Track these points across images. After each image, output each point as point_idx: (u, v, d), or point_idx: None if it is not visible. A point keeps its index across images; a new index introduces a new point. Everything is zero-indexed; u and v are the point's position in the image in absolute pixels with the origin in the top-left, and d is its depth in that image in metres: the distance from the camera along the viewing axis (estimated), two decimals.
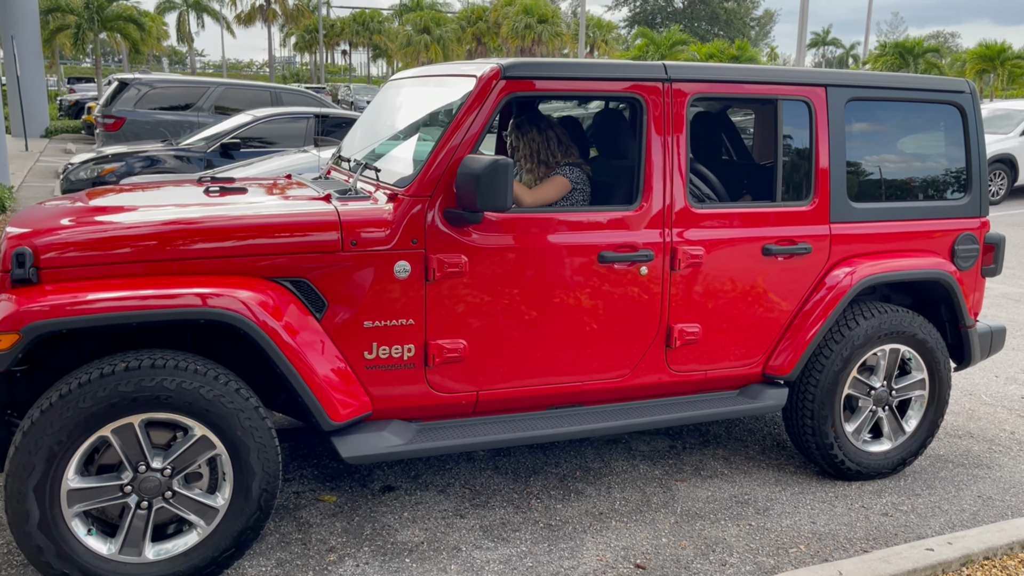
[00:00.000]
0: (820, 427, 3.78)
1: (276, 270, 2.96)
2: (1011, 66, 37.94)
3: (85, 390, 2.64)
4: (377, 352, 3.10)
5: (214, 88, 12.58)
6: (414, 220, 3.08)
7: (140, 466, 2.77)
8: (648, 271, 3.42)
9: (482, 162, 2.92)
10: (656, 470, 3.98)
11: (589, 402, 3.52)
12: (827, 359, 3.73)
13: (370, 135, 4.12)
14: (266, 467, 2.90)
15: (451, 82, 3.46)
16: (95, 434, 2.69)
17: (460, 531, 3.37)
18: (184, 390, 2.73)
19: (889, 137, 4.06)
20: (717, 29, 65.93)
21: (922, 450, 4.03)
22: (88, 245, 2.82)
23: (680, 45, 40.50)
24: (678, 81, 3.44)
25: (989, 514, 3.69)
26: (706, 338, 3.59)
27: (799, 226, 3.68)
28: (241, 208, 3.16)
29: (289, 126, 9.32)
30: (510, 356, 3.29)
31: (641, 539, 3.37)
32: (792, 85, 3.67)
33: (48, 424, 2.62)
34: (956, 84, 4.05)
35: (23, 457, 2.62)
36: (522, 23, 47.21)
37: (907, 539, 3.43)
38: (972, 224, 4.08)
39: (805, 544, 3.38)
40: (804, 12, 19.90)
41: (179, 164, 8.67)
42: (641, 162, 3.42)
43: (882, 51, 43.52)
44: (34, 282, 2.75)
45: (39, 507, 2.64)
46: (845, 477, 3.91)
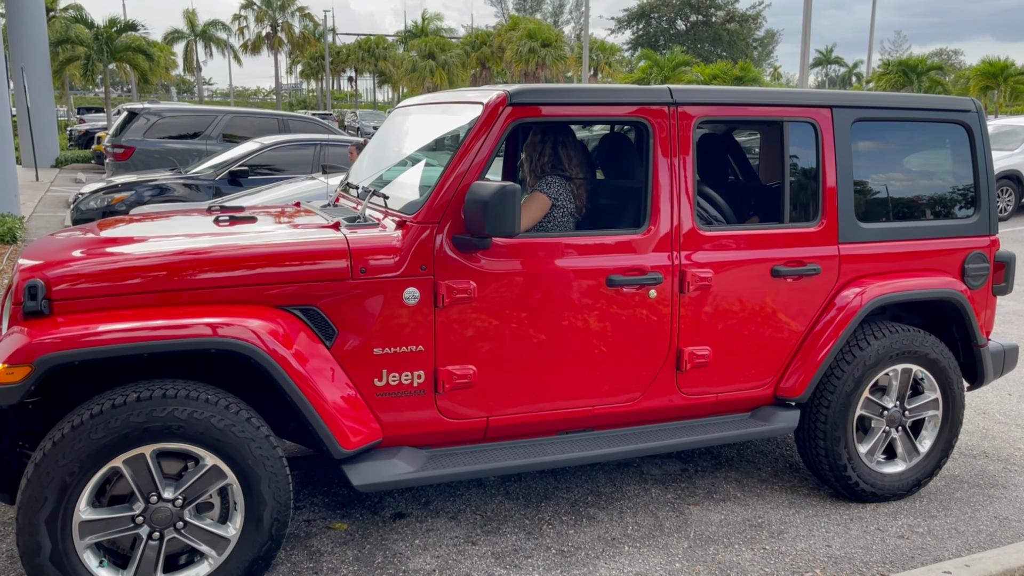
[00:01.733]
0: (833, 449, 3.75)
1: (286, 298, 2.98)
2: (1014, 82, 37.97)
3: (97, 421, 2.65)
4: (387, 379, 3.11)
5: (222, 116, 12.69)
6: (423, 246, 3.10)
7: (152, 496, 2.77)
8: (657, 294, 3.42)
9: (490, 188, 2.94)
10: (668, 494, 3.96)
11: (600, 426, 3.51)
12: (839, 380, 3.71)
13: (378, 162, 4.15)
14: (277, 496, 2.89)
15: (458, 109, 3.48)
16: (107, 465, 2.69)
17: (472, 558, 3.35)
18: (195, 420, 2.74)
19: (896, 157, 4.06)
20: (720, 50, 66.26)
21: (937, 471, 4.00)
22: (99, 276, 2.85)
23: (683, 67, 40.69)
24: (684, 104, 3.46)
25: (1006, 535, 3.65)
26: (716, 361, 3.58)
27: (808, 247, 3.68)
28: (251, 237, 3.18)
29: (296, 153, 9.38)
30: (520, 381, 3.29)
31: (654, 564, 3.34)
32: (798, 107, 3.69)
33: (60, 455, 2.62)
34: (962, 103, 4.05)
35: (35, 489, 2.62)
36: (526, 47, 47.55)
37: (924, 562, 3.39)
38: (982, 242, 4.07)
39: (821, 568, 3.35)
40: (807, 32, 20.00)
41: (188, 192, 8.73)
42: (648, 185, 3.43)
43: (885, 69, 43.63)
44: (46, 314, 2.76)
45: (51, 539, 2.64)
46: (859, 499, 3.88)
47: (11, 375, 2.59)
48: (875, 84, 43.12)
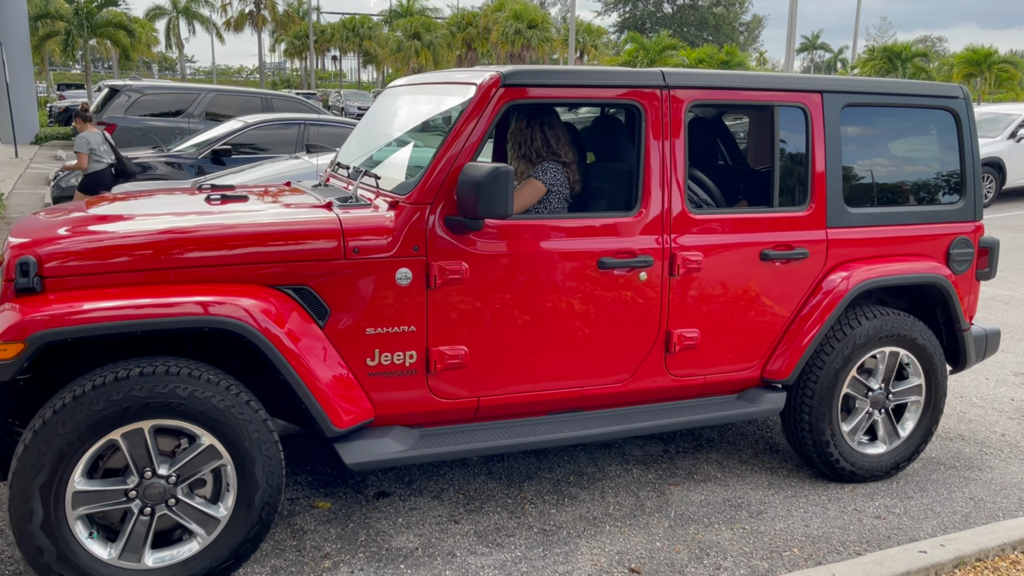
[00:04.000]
0: (817, 431, 3.80)
1: (279, 278, 2.98)
2: (998, 70, 38.19)
3: (99, 392, 2.66)
4: (379, 359, 3.12)
5: (205, 94, 12.56)
6: (415, 227, 3.10)
7: (146, 472, 2.78)
8: (647, 277, 3.44)
9: (483, 170, 2.94)
10: (650, 474, 3.99)
11: (589, 407, 3.54)
12: (825, 363, 3.76)
13: (369, 142, 4.14)
14: (270, 480, 2.90)
15: (450, 90, 3.48)
16: (105, 437, 2.70)
17: (455, 536, 3.37)
18: (196, 398, 2.76)
19: (884, 142, 4.08)
20: (706, 34, 66.17)
21: (918, 453, 4.07)
22: (92, 254, 2.84)
23: (670, 50, 40.60)
24: (676, 88, 3.47)
25: (981, 516, 3.71)
26: (705, 343, 3.61)
27: (796, 231, 3.70)
28: (243, 216, 3.17)
29: (280, 132, 9.30)
30: (511, 362, 3.30)
31: (635, 543, 3.37)
32: (788, 92, 3.70)
33: (60, 424, 2.63)
34: (949, 89, 4.08)
35: (32, 456, 2.63)
36: (512, 28, 47.28)
37: (900, 541, 3.45)
38: (967, 228, 4.11)
39: (799, 547, 3.39)
40: (793, 17, 20.01)
41: (170, 171, 8.65)
42: (640, 168, 3.44)
43: (870, 55, 43.74)
44: (38, 291, 2.75)
45: (43, 507, 2.65)
46: (843, 480, 3.94)
47: (4, 352, 2.59)
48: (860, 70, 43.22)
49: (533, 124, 3.77)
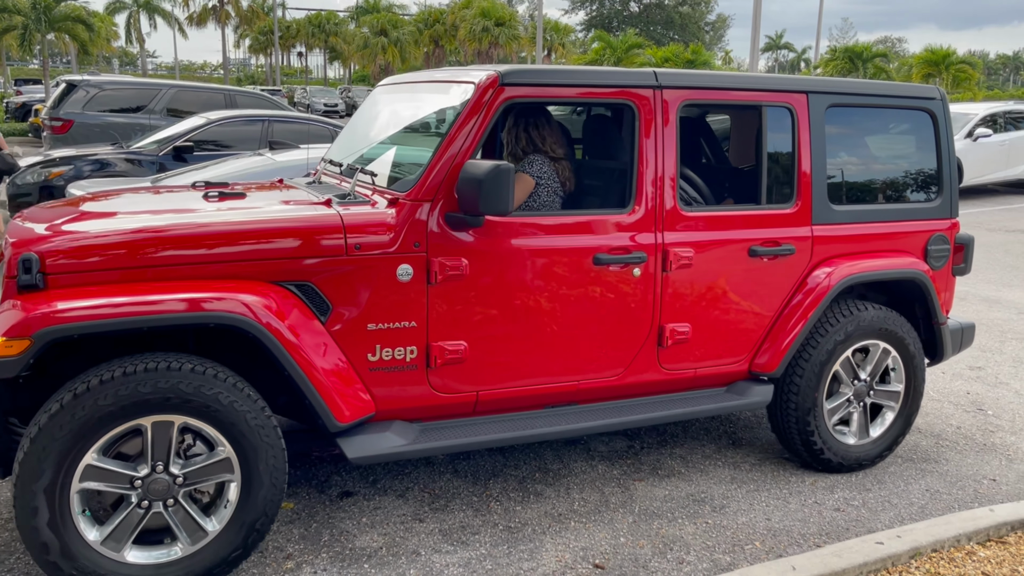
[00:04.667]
0: (803, 422, 3.90)
1: (281, 274, 3.00)
2: (955, 70, 38.94)
3: (128, 380, 2.67)
4: (380, 354, 3.15)
5: (166, 90, 12.36)
6: (416, 224, 3.13)
7: (158, 466, 2.78)
8: (641, 272, 3.50)
9: (484, 167, 2.98)
10: (615, 470, 4.02)
11: (584, 401, 3.59)
12: (810, 356, 3.85)
13: (362, 140, 4.14)
14: (268, 509, 2.94)
15: (448, 88, 3.52)
16: (133, 421, 2.72)
17: (419, 535, 3.36)
18: (235, 409, 2.80)
19: (865, 142, 4.20)
20: (672, 33, 66.65)
21: (898, 442, 4.18)
22: (94, 251, 2.83)
23: (636, 49, 40.81)
24: (667, 88, 3.54)
25: (937, 507, 3.79)
26: (696, 337, 3.68)
27: (783, 228, 3.79)
28: (246, 213, 3.18)
29: (244, 129, 9.19)
30: (509, 357, 3.35)
31: (600, 539, 3.39)
32: (775, 92, 3.79)
33: (65, 419, 2.62)
34: (927, 91, 4.21)
35: (37, 453, 2.62)
36: (479, 26, 47.22)
37: (858, 533, 3.51)
38: (943, 225, 4.23)
39: (760, 540, 3.44)
40: (757, 17, 20.22)
41: (130, 167, 8.50)
42: (633, 166, 3.50)
43: (832, 55, 44.36)
44: (41, 288, 2.74)
45: (53, 472, 2.64)
46: (828, 470, 4.04)
47: (10, 348, 2.58)
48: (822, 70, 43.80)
49: (520, 122, 3.80)
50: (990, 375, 5.66)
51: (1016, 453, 4.41)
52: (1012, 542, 3.38)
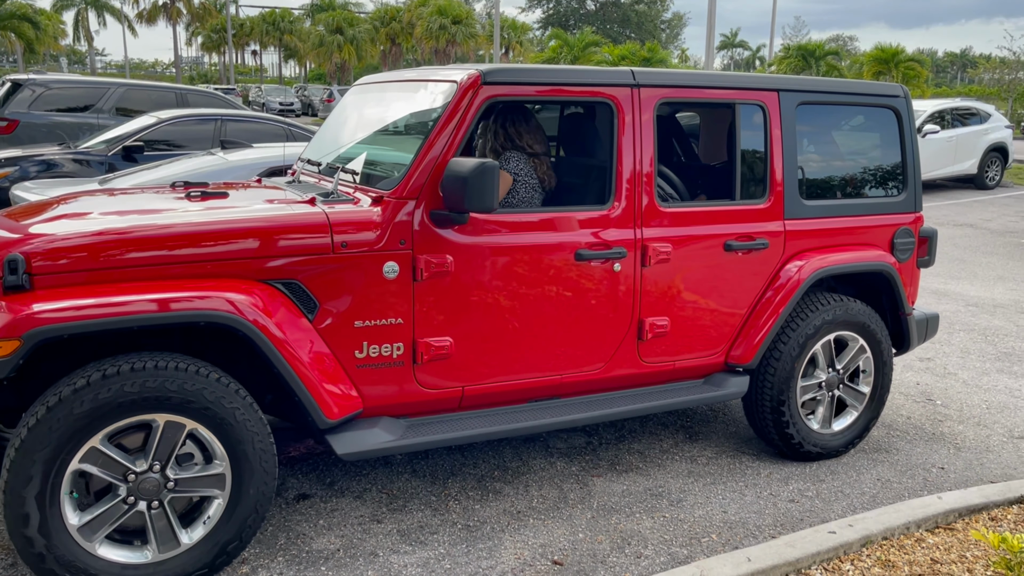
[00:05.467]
0: (778, 412, 3.99)
1: (268, 272, 3.01)
2: (905, 68, 39.77)
3: (132, 378, 2.69)
4: (367, 351, 3.17)
5: (115, 89, 12.09)
6: (401, 222, 3.16)
7: (156, 465, 2.79)
8: (621, 268, 3.57)
9: (469, 165, 3.02)
10: (573, 466, 4.03)
11: (567, 394, 3.65)
12: (784, 347, 3.95)
13: (340, 139, 4.15)
14: (244, 534, 2.95)
15: (428, 87, 3.56)
16: (146, 416, 2.74)
17: (377, 536, 3.34)
18: (223, 406, 2.82)
19: (834, 138, 4.31)
20: (629, 31, 67.09)
21: (868, 429, 4.30)
22: (81, 251, 2.81)
23: (593, 47, 41.00)
24: (645, 86, 3.61)
25: (887, 496, 3.86)
26: (674, 330, 3.76)
27: (756, 223, 3.89)
28: (232, 212, 3.17)
29: (196, 128, 9.03)
30: (494, 352, 3.39)
31: (558, 535, 3.40)
32: (748, 90, 3.88)
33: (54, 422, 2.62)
34: (892, 89, 4.34)
35: (27, 452, 2.61)
36: (436, 24, 47.05)
37: (812, 523, 3.56)
38: (908, 219, 4.37)
39: (717, 533, 3.47)
40: (712, 15, 20.45)
41: (78, 168, 8.30)
42: (613, 163, 3.57)
43: (786, 53, 45.02)
44: (27, 289, 2.72)
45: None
46: (802, 458, 4.15)
47: (0, 349, 2.57)
48: (776, 68, 44.46)
49: (497, 119, 3.83)
50: (939, 366, 5.79)
51: (963, 442, 4.52)
52: (959, 528, 3.47)
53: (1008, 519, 3.56)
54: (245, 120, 9.36)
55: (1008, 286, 8.35)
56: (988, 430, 4.69)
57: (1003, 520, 3.55)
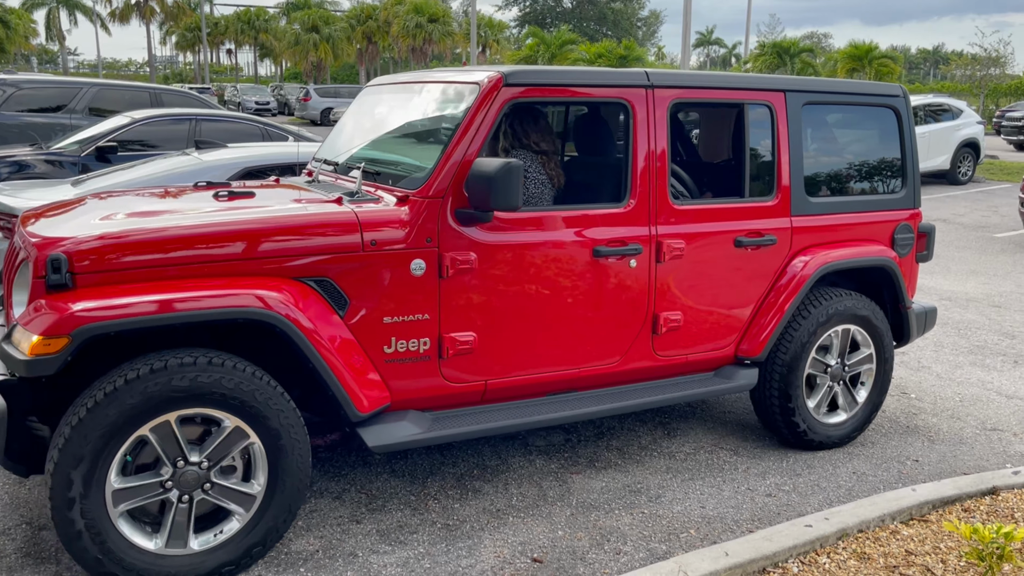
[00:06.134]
0: (786, 403, 4.11)
1: (302, 270, 3.09)
2: (878, 64, 40.16)
3: (172, 372, 2.75)
4: (395, 346, 3.26)
5: (88, 89, 11.94)
6: (428, 220, 3.24)
7: (179, 461, 2.85)
8: (637, 264, 3.67)
9: (495, 164, 3.10)
10: (552, 464, 4.04)
11: (583, 387, 3.74)
12: (791, 340, 4.07)
13: (356, 139, 4.21)
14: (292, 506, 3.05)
15: (450, 89, 3.64)
16: (194, 410, 2.82)
17: (356, 537, 3.33)
18: (271, 407, 2.91)
19: (837, 137, 4.42)
20: (605, 29, 67.22)
21: (870, 420, 4.41)
22: (121, 250, 2.87)
23: (570, 45, 41.08)
24: (659, 87, 3.71)
25: (863, 489, 3.91)
26: (687, 324, 3.87)
27: (765, 219, 4.00)
28: (265, 212, 3.23)
29: (170, 128, 8.94)
30: (515, 347, 3.48)
31: (538, 533, 3.41)
32: (756, 91, 4.00)
33: (101, 416, 2.68)
34: (892, 89, 4.47)
35: (75, 445, 2.67)
36: (413, 22, 46.90)
37: (789, 517, 3.60)
38: (908, 215, 4.51)
39: (695, 528, 3.50)
40: (688, 13, 20.55)
41: (50, 169, 8.19)
42: (628, 162, 3.66)
43: (761, 51, 45.33)
44: (69, 287, 2.78)
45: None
46: (808, 448, 4.26)
47: (48, 346, 2.63)
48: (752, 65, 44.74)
49: (505, 119, 3.89)
50: (913, 360, 5.87)
51: (937, 434, 4.59)
52: (933, 520, 3.51)
53: (981, 510, 3.62)
54: (220, 120, 9.28)
55: (980, 280, 8.47)
56: (961, 423, 4.76)
57: (976, 511, 3.61)
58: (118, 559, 2.77)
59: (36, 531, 3.30)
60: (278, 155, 6.11)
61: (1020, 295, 7.86)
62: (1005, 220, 12.19)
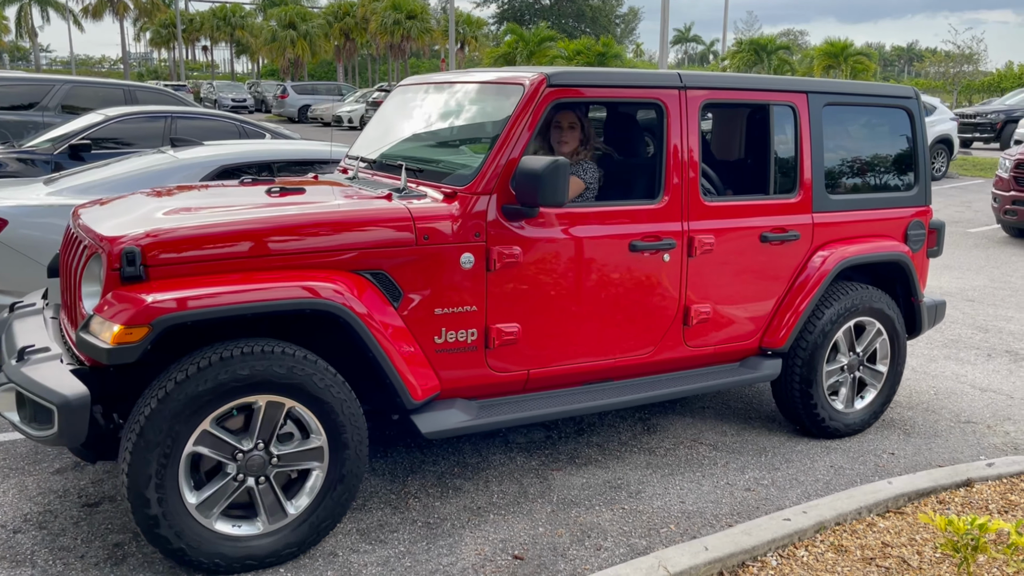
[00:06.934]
0: (807, 393, 4.26)
1: (359, 263, 3.20)
2: (853, 62, 40.55)
3: (237, 361, 2.86)
4: (445, 337, 3.38)
5: (61, 86, 11.79)
6: (477, 216, 3.37)
7: (260, 443, 2.97)
8: (670, 258, 3.81)
9: (543, 162, 3.23)
10: (533, 461, 4.05)
11: (618, 377, 3.87)
12: (812, 332, 4.22)
13: (396, 137, 4.33)
14: (337, 511, 3.16)
15: (493, 89, 3.80)
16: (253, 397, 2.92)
17: (336, 536, 3.31)
18: (334, 395, 3.03)
19: (855, 136, 4.56)
20: (584, 26, 67.29)
21: (885, 408, 4.57)
22: (191, 243, 2.97)
23: (548, 42, 41.08)
24: (691, 88, 3.86)
25: (840, 482, 3.95)
26: (715, 317, 4.02)
27: (788, 216, 4.16)
28: (326, 207, 3.33)
29: (145, 126, 8.84)
30: (556, 337, 3.61)
31: (519, 530, 3.41)
32: (781, 92, 4.17)
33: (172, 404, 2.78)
34: (905, 91, 4.65)
35: (152, 432, 2.77)
36: (391, 19, 46.73)
37: (767, 511, 3.63)
38: (920, 211, 4.67)
39: (675, 523, 3.52)
40: (665, 10, 20.61)
41: (22, 167, 8.08)
42: (663, 160, 3.80)
43: (739, 48, 45.60)
44: (143, 279, 2.88)
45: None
46: (826, 435, 4.41)
47: (130, 335, 2.73)
48: (729, 62, 44.98)
49: (581, 123, 4.03)
50: None
51: (913, 427, 4.64)
52: (909, 512, 3.55)
53: (955, 502, 3.66)
54: (196, 117, 9.19)
55: (954, 275, 8.57)
56: (936, 415, 4.82)
57: (951, 503, 3.65)
58: (202, 549, 2.90)
59: (11, 534, 3.26)
60: (256, 153, 6.06)
61: (993, 289, 7.97)
62: (978, 215, 12.35)
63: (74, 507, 3.49)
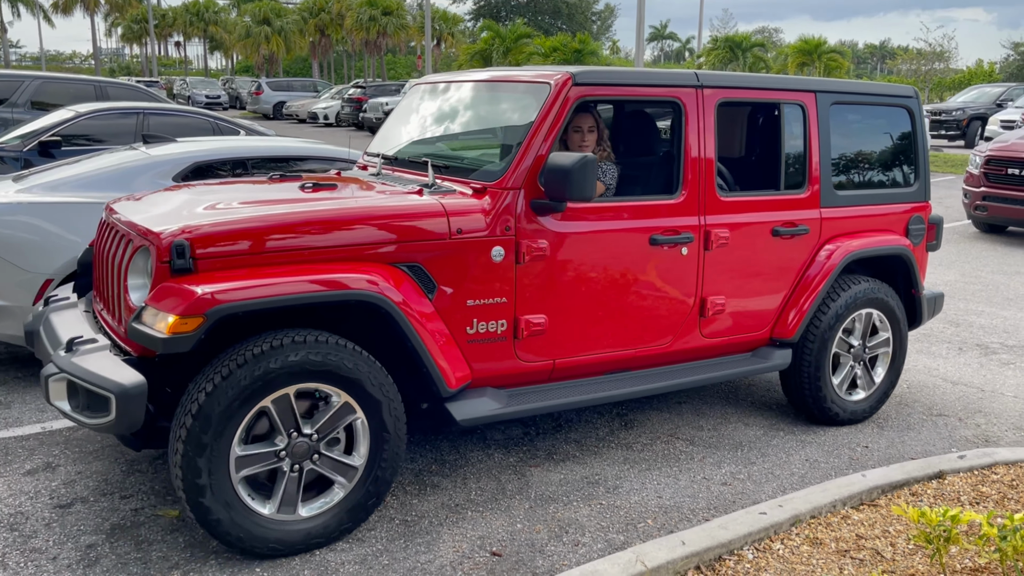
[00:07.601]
0: (815, 382, 4.41)
1: (396, 256, 3.29)
2: (827, 59, 40.92)
3: (287, 349, 2.95)
4: (477, 327, 3.48)
5: (30, 82, 11.61)
6: (507, 210, 3.47)
7: (292, 433, 3.06)
8: (688, 251, 3.93)
9: (572, 158, 3.32)
10: (511, 457, 4.04)
11: (638, 367, 4.00)
12: (820, 323, 4.37)
13: (415, 135, 4.45)
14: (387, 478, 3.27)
15: (517, 87, 3.91)
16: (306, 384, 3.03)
17: None
18: (384, 393, 3.15)
19: (859, 134, 4.68)
20: (560, 23, 67.30)
21: (887, 397, 4.72)
22: (237, 237, 3.05)
23: (525, 39, 41.05)
24: (707, 87, 3.98)
25: (815, 476, 3.98)
26: (730, 308, 4.14)
27: (798, 211, 4.31)
28: (362, 202, 3.45)
29: (117, 122, 8.73)
30: (580, 328, 3.72)
31: (497, 527, 3.41)
32: (791, 91, 4.30)
33: (230, 386, 2.87)
34: (906, 90, 4.80)
35: (203, 419, 2.85)
36: (366, 15, 46.50)
37: (743, 505, 3.65)
38: (920, 207, 4.81)
39: (652, 518, 3.53)
40: (641, 7, 20.67)
41: None
42: (680, 156, 3.92)
43: (714, 45, 45.85)
44: (192, 271, 2.96)
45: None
46: (833, 423, 4.56)
47: (185, 325, 2.81)
48: (705, 59, 45.20)
49: (600, 124, 4.12)
50: None
51: (886, 421, 4.69)
52: (883, 504, 3.59)
53: (928, 494, 3.71)
54: (169, 114, 9.09)
55: (927, 270, 8.67)
56: (909, 409, 4.88)
57: (923, 495, 3.70)
58: (238, 523, 2.97)
59: None
60: (230, 150, 6.00)
61: (965, 284, 8.08)
62: (949, 211, 12.51)
63: (46, 508, 3.44)
